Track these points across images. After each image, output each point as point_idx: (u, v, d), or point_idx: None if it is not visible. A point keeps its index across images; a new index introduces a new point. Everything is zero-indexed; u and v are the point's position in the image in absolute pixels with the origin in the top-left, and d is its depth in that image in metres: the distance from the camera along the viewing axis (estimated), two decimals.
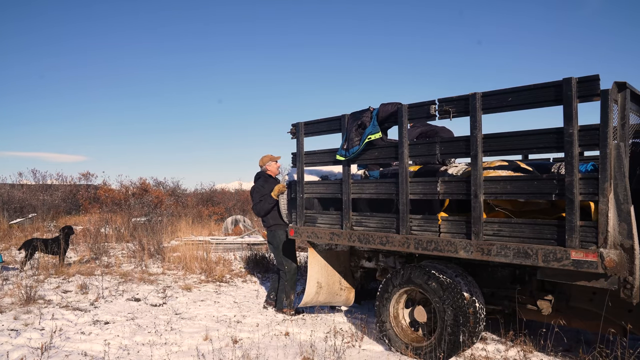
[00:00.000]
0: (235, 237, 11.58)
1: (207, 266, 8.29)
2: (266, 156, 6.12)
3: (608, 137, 3.02)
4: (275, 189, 5.68)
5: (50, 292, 6.48)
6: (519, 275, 4.16)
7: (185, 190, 22.38)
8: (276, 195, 5.69)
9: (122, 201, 17.80)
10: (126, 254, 9.94)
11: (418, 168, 4.52)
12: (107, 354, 4.19)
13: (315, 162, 5.02)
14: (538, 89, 3.30)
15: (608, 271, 3.05)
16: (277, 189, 5.67)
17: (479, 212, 3.56)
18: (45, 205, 17.62)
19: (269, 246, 6.06)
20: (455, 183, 3.79)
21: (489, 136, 3.57)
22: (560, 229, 3.22)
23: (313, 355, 4.16)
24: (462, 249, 3.68)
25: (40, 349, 4.11)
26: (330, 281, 5.45)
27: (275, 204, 5.78)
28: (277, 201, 5.74)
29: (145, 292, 6.73)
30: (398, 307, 4.44)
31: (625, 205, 3.08)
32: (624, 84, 3.23)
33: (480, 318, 4.05)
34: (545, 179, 3.31)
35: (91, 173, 21.61)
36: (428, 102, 3.92)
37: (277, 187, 5.68)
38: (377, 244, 4.31)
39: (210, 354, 4.22)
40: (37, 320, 5.12)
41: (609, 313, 3.68)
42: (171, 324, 5.23)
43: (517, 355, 4.22)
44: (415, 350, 4.16)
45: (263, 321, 5.45)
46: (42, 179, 20.55)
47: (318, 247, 5.35)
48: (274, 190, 5.69)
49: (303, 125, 5.00)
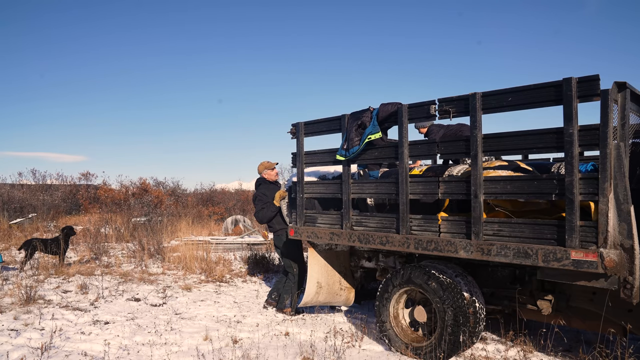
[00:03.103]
0: (235, 237, 11.58)
1: (207, 266, 8.29)
2: (262, 164, 6.13)
3: (608, 137, 3.02)
4: (277, 196, 5.74)
5: (50, 292, 6.48)
6: (519, 275, 4.16)
7: (185, 190, 22.40)
8: (278, 201, 5.75)
9: (122, 201, 17.80)
10: (126, 254, 9.94)
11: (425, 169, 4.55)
12: (107, 354, 4.19)
13: (315, 162, 5.03)
14: (538, 89, 3.30)
15: (608, 271, 3.05)
16: (278, 195, 5.73)
17: (479, 212, 3.56)
18: (45, 205, 17.63)
19: (276, 250, 6.06)
20: (455, 183, 3.79)
21: (489, 136, 3.57)
22: (560, 229, 3.22)
23: (313, 355, 4.16)
24: (462, 249, 3.68)
25: (40, 349, 4.11)
26: (330, 281, 5.45)
27: (278, 211, 5.83)
28: (279, 208, 5.80)
29: (145, 292, 6.73)
30: (398, 307, 4.44)
31: (625, 205, 3.08)
32: (624, 84, 3.23)
33: (480, 318, 4.05)
34: (545, 179, 3.31)
35: (91, 173, 21.64)
36: (428, 102, 3.92)
37: (278, 194, 5.73)
38: (377, 244, 4.31)
39: (210, 354, 4.22)
40: (37, 320, 5.11)
41: (609, 313, 3.68)
42: (171, 324, 5.23)
43: (517, 355, 4.22)
44: (415, 350, 4.16)
45: (263, 321, 5.45)
46: (42, 179, 20.57)
47: (318, 247, 5.35)
48: (275, 197, 5.74)
49: (303, 125, 5.00)
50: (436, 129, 5.53)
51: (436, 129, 5.55)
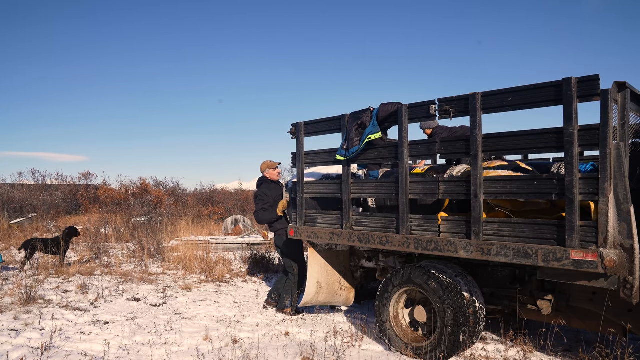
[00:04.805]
0: (235, 237, 11.58)
1: (207, 266, 8.29)
2: (265, 163, 6.14)
3: (608, 137, 3.02)
4: (280, 206, 5.79)
5: (50, 292, 6.48)
6: (519, 275, 4.16)
7: (185, 190, 22.38)
8: (281, 211, 5.81)
9: (122, 201, 17.80)
10: (126, 254, 9.94)
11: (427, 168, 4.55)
12: (107, 354, 4.19)
13: (315, 162, 5.03)
14: (538, 88, 3.30)
15: (608, 271, 3.05)
16: (281, 205, 5.78)
17: (479, 212, 3.56)
18: (45, 205, 17.62)
19: (277, 249, 6.07)
20: (455, 183, 3.79)
21: (489, 136, 3.57)
22: (560, 229, 3.22)
23: (313, 355, 4.16)
24: (462, 249, 3.68)
25: (40, 349, 4.11)
26: (330, 281, 5.45)
27: (278, 218, 5.88)
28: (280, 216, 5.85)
29: (145, 292, 6.73)
30: (398, 307, 4.44)
31: (625, 205, 3.08)
32: (624, 84, 3.23)
33: (480, 318, 4.05)
34: (545, 179, 3.31)
35: (91, 173, 21.62)
36: (428, 102, 3.92)
37: (281, 204, 5.78)
38: (377, 243, 4.31)
39: (210, 354, 4.22)
40: (37, 320, 5.12)
41: (609, 313, 3.68)
42: (171, 324, 5.23)
43: (517, 355, 4.22)
44: (415, 350, 4.16)
45: (263, 321, 5.45)
46: (42, 179, 20.56)
47: (318, 247, 5.35)
48: (279, 207, 5.80)
49: (303, 125, 5.00)
50: (440, 131, 5.54)
51: (440, 130, 5.56)
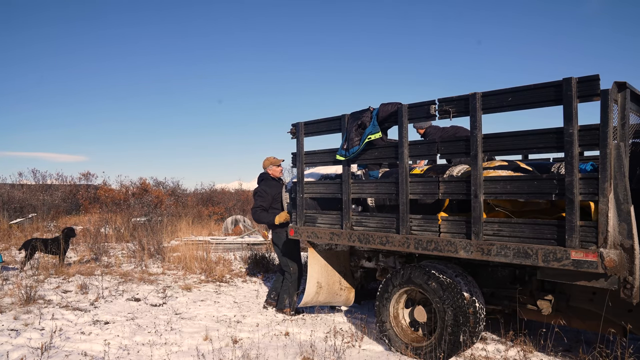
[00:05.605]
0: (235, 237, 11.58)
1: (207, 266, 8.29)
2: (268, 159, 6.10)
3: (608, 137, 3.02)
4: (277, 219, 5.72)
5: (50, 292, 6.48)
6: (519, 275, 4.16)
7: (185, 190, 22.38)
8: (278, 223, 5.74)
9: (122, 201, 17.79)
10: (126, 254, 9.94)
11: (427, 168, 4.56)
12: (107, 354, 4.19)
13: (315, 162, 5.03)
14: (538, 89, 3.30)
15: (608, 271, 3.05)
16: (281, 217, 5.71)
17: (479, 212, 3.56)
18: (45, 205, 17.62)
19: (275, 248, 6.05)
20: (455, 183, 3.79)
21: (489, 136, 3.57)
22: (560, 229, 3.22)
23: (313, 355, 4.16)
24: (462, 249, 3.68)
25: (40, 349, 4.11)
26: (330, 281, 5.45)
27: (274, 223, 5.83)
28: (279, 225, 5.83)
29: (145, 292, 6.73)
30: (398, 307, 4.44)
31: (625, 205, 3.08)
32: (624, 84, 3.23)
33: (480, 318, 4.05)
34: (545, 179, 3.31)
35: (91, 173, 21.61)
36: (428, 102, 3.92)
37: (280, 216, 5.71)
38: (377, 243, 4.31)
39: (210, 354, 4.22)
40: (37, 320, 5.12)
41: (609, 313, 3.68)
42: (171, 324, 5.23)
43: (517, 355, 4.22)
44: (415, 350, 4.16)
45: (263, 321, 5.45)
46: (42, 179, 20.56)
47: (318, 247, 5.35)
48: (276, 219, 5.73)
49: (303, 125, 5.00)
50: (434, 131, 5.63)
51: (433, 130, 5.67)
